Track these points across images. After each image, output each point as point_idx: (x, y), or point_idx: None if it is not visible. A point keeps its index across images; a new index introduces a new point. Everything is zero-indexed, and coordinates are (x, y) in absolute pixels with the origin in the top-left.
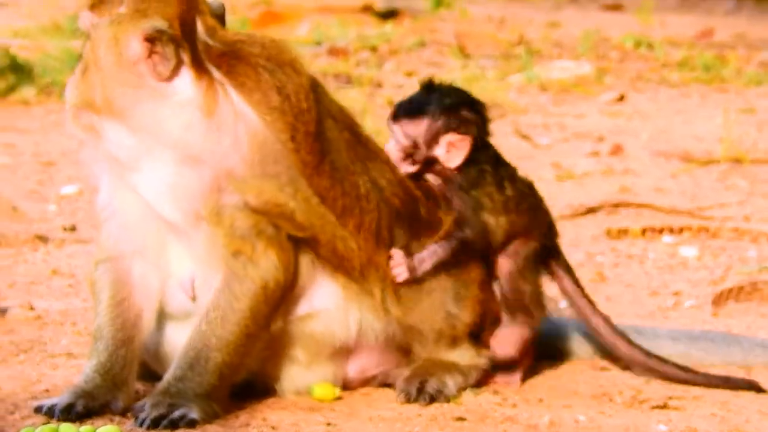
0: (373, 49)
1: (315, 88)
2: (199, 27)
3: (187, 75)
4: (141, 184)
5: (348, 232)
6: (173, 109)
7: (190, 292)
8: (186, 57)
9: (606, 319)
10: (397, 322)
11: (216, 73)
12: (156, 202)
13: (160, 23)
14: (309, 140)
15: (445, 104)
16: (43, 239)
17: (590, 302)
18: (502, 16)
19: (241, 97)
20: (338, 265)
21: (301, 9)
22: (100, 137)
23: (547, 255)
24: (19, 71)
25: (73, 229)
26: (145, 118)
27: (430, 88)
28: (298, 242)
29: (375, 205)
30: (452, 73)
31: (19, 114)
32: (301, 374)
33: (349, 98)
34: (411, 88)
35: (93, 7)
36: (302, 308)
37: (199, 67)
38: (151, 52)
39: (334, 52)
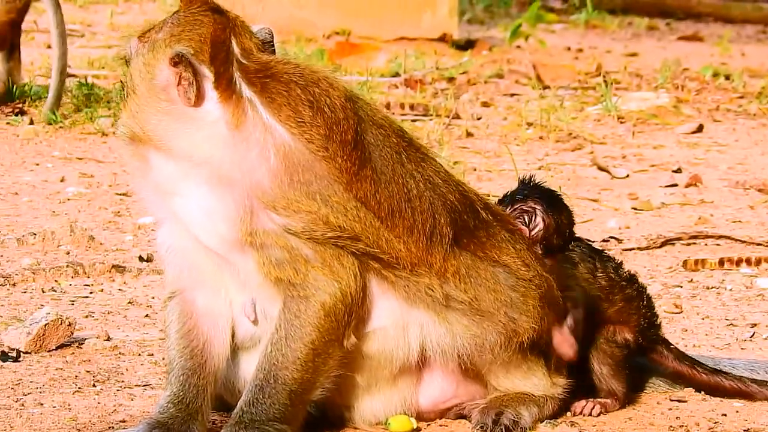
0: (451, 79)
1: (352, 99)
2: (235, 48)
3: (213, 95)
4: (182, 211)
5: (395, 234)
6: (203, 129)
7: (252, 315)
8: (211, 78)
9: (725, 373)
10: (459, 322)
11: (247, 92)
12: (195, 227)
13: (183, 48)
14: (346, 149)
15: (514, 195)
16: (119, 269)
17: (705, 369)
18: (580, 47)
19: (270, 112)
20: (386, 266)
21: (378, 39)
22: (148, 166)
23: (645, 350)
24: (96, 101)
25: (149, 259)
26: (180, 142)
27: (524, 182)
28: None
29: (428, 204)
30: (530, 104)
31: (96, 144)
32: (366, 400)
33: (426, 129)
34: (488, 118)
35: (141, 36)
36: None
37: (226, 86)
38: (180, 78)
39: (411, 83)
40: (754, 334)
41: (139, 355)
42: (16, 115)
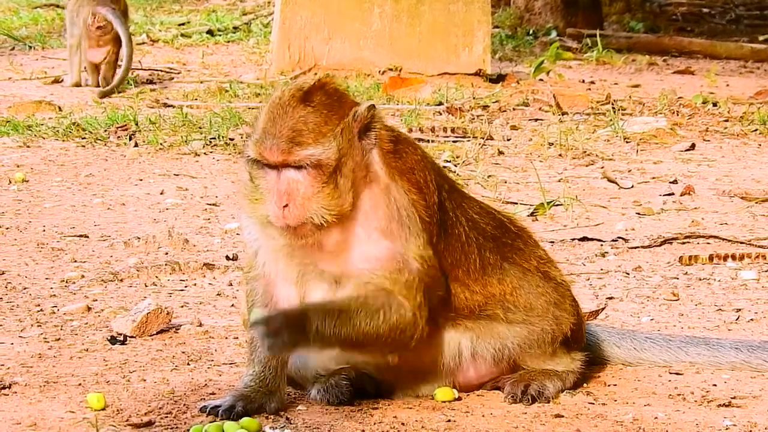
0: (485, 107)
1: (425, 156)
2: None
3: (380, 163)
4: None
5: (457, 281)
6: (372, 188)
7: None
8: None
9: None
10: (513, 330)
11: (390, 158)
12: (332, 262)
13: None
14: (434, 209)
15: None
16: (209, 267)
17: None
18: (592, 80)
19: (401, 177)
20: (457, 315)
21: (424, 74)
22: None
23: None
24: (190, 127)
25: (235, 258)
26: (360, 202)
27: None
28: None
29: (475, 245)
30: (551, 128)
31: (190, 162)
32: (414, 381)
33: (464, 149)
34: (516, 139)
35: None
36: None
37: (386, 154)
38: (370, 143)
39: (452, 110)
40: (738, 317)
41: (226, 338)
42: (129, 138)
